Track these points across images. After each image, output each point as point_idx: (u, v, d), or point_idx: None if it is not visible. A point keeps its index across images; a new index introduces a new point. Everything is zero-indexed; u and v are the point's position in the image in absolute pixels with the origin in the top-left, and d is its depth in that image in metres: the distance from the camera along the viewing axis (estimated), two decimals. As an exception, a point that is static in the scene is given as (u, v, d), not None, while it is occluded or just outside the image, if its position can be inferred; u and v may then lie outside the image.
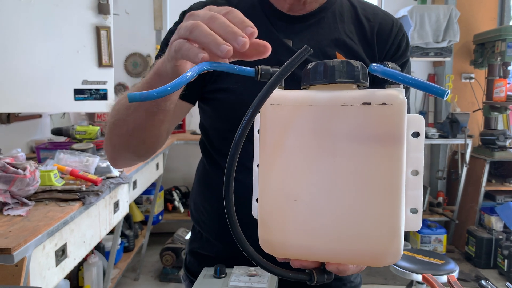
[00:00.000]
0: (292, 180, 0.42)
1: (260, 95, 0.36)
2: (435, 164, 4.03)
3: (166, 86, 0.37)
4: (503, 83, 3.45)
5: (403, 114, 0.39)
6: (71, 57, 1.77)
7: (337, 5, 0.89)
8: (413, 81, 0.38)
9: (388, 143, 0.39)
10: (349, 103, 0.40)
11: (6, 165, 1.34)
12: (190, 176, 3.91)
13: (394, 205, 0.39)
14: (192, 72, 0.39)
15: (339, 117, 0.40)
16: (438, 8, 3.57)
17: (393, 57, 0.88)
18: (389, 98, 0.39)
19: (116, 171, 1.81)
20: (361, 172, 0.40)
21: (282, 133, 0.42)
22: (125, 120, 0.69)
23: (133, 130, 0.70)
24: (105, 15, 1.77)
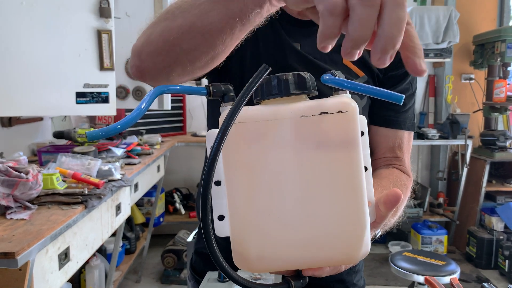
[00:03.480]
0: (263, 195, 0.43)
1: (226, 118, 0.36)
2: (435, 165, 4.03)
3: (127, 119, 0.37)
4: (503, 84, 3.46)
5: (356, 119, 0.41)
6: (72, 60, 1.77)
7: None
8: (368, 89, 0.40)
9: (347, 146, 0.41)
10: (308, 114, 0.42)
11: (9, 169, 1.35)
12: (191, 177, 3.91)
13: (360, 202, 0.42)
14: (146, 103, 0.39)
15: (300, 128, 0.42)
16: (437, 9, 3.58)
17: (398, 64, 0.87)
18: (344, 105, 0.41)
19: (118, 174, 1.82)
20: (326, 178, 0.42)
21: (246, 150, 0.43)
22: (187, 9, 0.55)
23: (191, 26, 0.54)
24: (106, 18, 1.78)
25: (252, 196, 0.43)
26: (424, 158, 4.12)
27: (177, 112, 3.72)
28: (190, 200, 3.78)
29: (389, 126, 0.87)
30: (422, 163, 4.11)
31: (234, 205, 0.43)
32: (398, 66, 0.87)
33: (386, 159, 0.87)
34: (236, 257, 0.44)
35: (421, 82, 4.03)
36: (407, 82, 0.88)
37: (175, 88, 0.43)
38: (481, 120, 3.89)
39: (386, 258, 2.35)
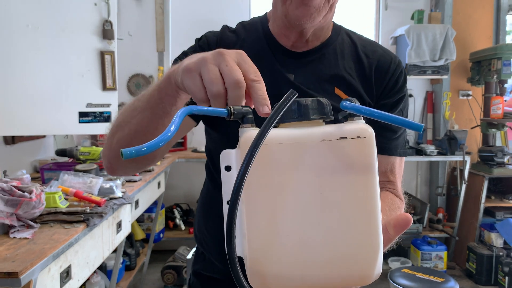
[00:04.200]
0: (282, 216, 0.44)
1: (254, 140, 0.39)
2: (434, 180, 4.05)
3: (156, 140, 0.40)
4: (499, 101, 3.50)
5: (373, 144, 0.44)
6: (76, 81, 1.82)
7: (338, 42, 0.93)
8: (385, 116, 0.43)
9: (364, 171, 0.44)
10: (327, 138, 0.44)
11: (13, 189, 1.38)
12: (191, 193, 3.93)
13: (375, 225, 0.44)
14: (175, 126, 0.42)
15: (320, 152, 0.44)
16: (434, 27, 3.64)
17: (390, 92, 0.91)
18: (362, 131, 0.44)
19: (119, 192, 1.85)
20: (344, 201, 0.44)
21: (268, 172, 0.44)
22: (130, 122, 0.72)
23: (135, 132, 0.72)
24: (109, 40, 1.83)
25: (271, 216, 0.44)
26: (423, 174, 4.14)
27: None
28: (190, 216, 3.79)
29: (381, 153, 0.90)
30: (421, 179, 4.13)
31: (253, 225, 0.44)
32: (390, 95, 0.91)
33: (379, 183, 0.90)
34: (252, 276, 0.45)
35: (419, 98, 4.08)
36: (399, 109, 0.92)
37: (202, 109, 0.47)
38: (479, 135, 3.92)
39: (385, 274, 2.36)
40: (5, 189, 1.37)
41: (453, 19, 3.91)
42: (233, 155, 0.46)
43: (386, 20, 3.98)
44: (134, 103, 0.73)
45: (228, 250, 0.39)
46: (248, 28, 0.96)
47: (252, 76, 0.51)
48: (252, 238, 0.45)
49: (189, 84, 0.53)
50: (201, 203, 1.06)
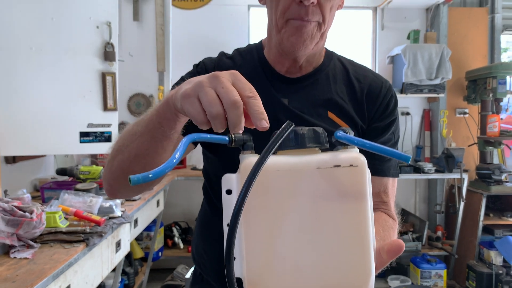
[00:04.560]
0: (279, 239, 0.47)
1: (253, 168, 0.41)
2: (433, 198, 4.06)
3: (162, 167, 0.43)
4: (496, 119, 3.54)
5: (366, 172, 0.47)
6: (77, 101, 1.85)
7: (331, 68, 0.97)
8: (371, 146, 0.46)
9: (357, 197, 0.46)
10: (322, 166, 0.47)
11: (14, 209, 1.39)
12: (190, 211, 3.93)
13: (367, 250, 0.46)
14: (179, 153, 0.45)
15: (315, 179, 0.46)
16: (430, 47, 3.71)
17: (382, 116, 0.94)
18: (355, 160, 0.47)
19: (118, 211, 1.86)
20: (337, 226, 0.46)
21: (266, 197, 0.47)
22: (129, 146, 0.73)
23: (135, 156, 0.73)
24: (111, 61, 1.87)
25: (269, 239, 0.47)
26: (421, 192, 4.15)
27: (177, 146, 3.77)
28: (189, 234, 3.79)
29: (375, 174, 0.92)
30: (419, 196, 4.14)
31: (251, 247, 0.47)
32: (381, 118, 0.94)
33: (373, 204, 0.92)
34: None
35: (417, 116, 4.12)
36: (390, 132, 0.95)
37: (205, 136, 0.50)
38: (477, 153, 3.94)
39: (384, 294, 2.35)
40: (6, 209, 1.39)
41: (448, 38, 3.98)
42: (233, 179, 0.49)
43: (382, 40, 4.05)
44: (133, 128, 0.75)
45: (227, 271, 0.41)
46: (244, 55, 1.00)
47: (247, 93, 0.53)
48: (250, 259, 0.47)
49: (189, 108, 0.54)
50: (199, 225, 1.08)
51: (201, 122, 0.54)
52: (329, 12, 0.85)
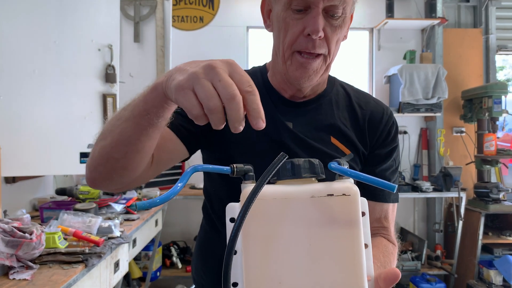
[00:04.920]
0: (275, 265, 0.49)
1: (248, 197, 0.44)
2: (431, 216, 4.06)
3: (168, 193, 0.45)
4: (492, 138, 3.57)
5: (358, 201, 0.49)
6: (78, 122, 1.88)
7: (334, 93, 0.99)
8: (365, 178, 0.48)
9: (349, 225, 0.48)
10: (316, 195, 0.49)
11: (14, 230, 1.40)
12: (188, 231, 3.92)
13: (359, 276, 0.48)
14: (182, 183, 0.47)
15: (310, 207, 0.49)
16: (426, 67, 3.77)
17: (384, 143, 0.97)
18: (347, 189, 0.49)
19: (117, 231, 1.86)
20: (331, 252, 0.48)
21: (263, 223, 0.49)
22: (113, 131, 0.70)
23: (117, 141, 0.69)
24: (111, 83, 1.91)
25: (265, 265, 0.49)
26: (420, 210, 4.15)
27: (176, 165, 3.79)
28: (187, 254, 3.77)
29: (375, 200, 0.94)
30: (418, 215, 4.14)
31: (250, 272, 0.49)
32: (383, 145, 0.96)
33: (373, 229, 0.94)
34: None
35: (414, 135, 4.15)
36: (392, 159, 0.97)
37: (207, 167, 0.52)
38: (474, 171, 3.96)
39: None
40: (6, 230, 1.40)
41: (444, 58, 4.05)
42: (237, 208, 0.51)
43: (379, 60, 4.11)
44: (119, 112, 0.71)
45: None
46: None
47: (245, 87, 0.51)
48: (249, 284, 0.49)
49: (184, 101, 0.52)
50: (198, 246, 1.08)
51: (197, 115, 0.51)
52: (335, 45, 0.87)
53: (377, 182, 0.48)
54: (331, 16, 0.83)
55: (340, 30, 0.85)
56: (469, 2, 4.24)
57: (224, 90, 0.49)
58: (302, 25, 0.83)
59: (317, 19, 0.81)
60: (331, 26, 0.84)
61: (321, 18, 0.81)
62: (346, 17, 0.85)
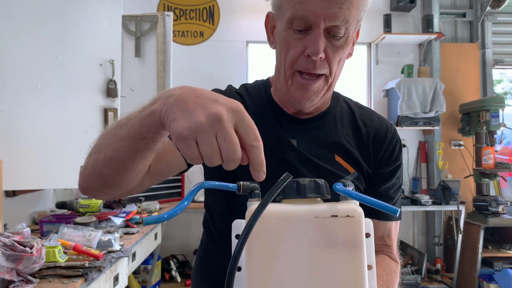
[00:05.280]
0: (279, 281, 0.49)
1: (252, 216, 0.45)
2: (431, 229, 4.06)
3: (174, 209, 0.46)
4: (490, 151, 3.59)
5: (362, 223, 0.49)
6: (79, 136, 1.90)
7: (338, 110, 0.98)
8: (369, 201, 0.49)
9: (352, 247, 0.49)
10: (320, 215, 0.50)
11: (14, 244, 1.41)
12: (187, 244, 3.91)
13: None
14: (188, 200, 0.48)
15: (313, 227, 0.49)
16: (424, 81, 3.81)
17: (388, 161, 0.96)
18: (351, 211, 0.49)
19: (117, 245, 1.87)
20: (333, 273, 0.49)
21: (267, 242, 0.50)
22: (107, 146, 0.68)
23: (110, 158, 0.67)
24: (113, 98, 1.93)
25: (268, 282, 0.49)
26: (419, 223, 4.15)
27: (176, 178, 3.80)
28: (186, 267, 3.75)
29: (379, 218, 0.94)
30: (417, 228, 4.14)
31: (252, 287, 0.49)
32: (387, 163, 0.96)
33: (376, 247, 0.94)
34: None
35: (413, 148, 4.17)
36: (396, 177, 0.96)
37: (214, 184, 0.53)
38: (473, 184, 3.97)
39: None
40: (7, 244, 1.40)
41: (441, 73, 4.09)
42: (242, 225, 0.52)
43: (377, 74, 4.15)
44: (115, 128, 0.68)
45: None
46: (251, 91, 1.01)
47: (251, 141, 0.50)
48: None
49: (185, 151, 0.50)
50: (198, 261, 1.07)
51: (196, 163, 0.51)
52: (337, 65, 0.86)
53: (381, 206, 0.48)
54: (333, 37, 0.81)
55: (342, 50, 0.84)
56: (465, 17, 4.30)
57: (227, 150, 0.49)
58: (303, 45, 0.82)
59: (318, 40, 0.79)
60: (333, 46, 0.82)
61: (322, 39, 0.80)
62: (349, 36, 0.83)
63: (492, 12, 4.17)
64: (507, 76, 6.50)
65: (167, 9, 4.02)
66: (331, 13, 0.78)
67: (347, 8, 0.79)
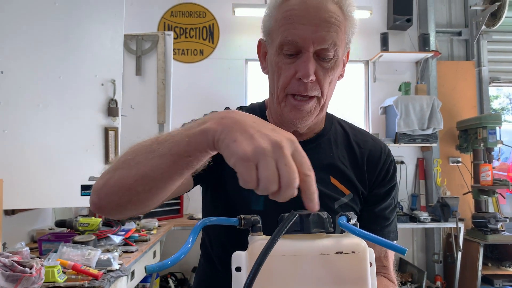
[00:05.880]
0: None
1: (259, 257, 0.44)
2: (430, 247, 4.04)
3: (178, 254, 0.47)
4: (488, 168, 3.61)
5: (367, 259, 0.50)
6: (80, 155, 1.91)
7: (332, 132, 1.00)
8: (374, 239, 0.49)
9: (358, 282, 0.49)
10: (325, 252, 0.50)
11: (14, 264, 1.41)
12: (186, 262, 3.89)
13: None
14: (192, 241, 0.49)
15: (318, 264, 0.49)
16: (421, 98, 3.84)
17: (382, 181, 0.97)
18: (356, 247, 0.50)
19: (116, 264, 1.86)
20: None
21: (272, 280, 0.50)
22: (141, 162, 0.65)
23: (144, 175, 0.64)
24: (114, 117, 1.95)
25: None
26: (418, 241, 4.14)
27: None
28: (184, 286, 3.72)
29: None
30: (417, 246, 4.13)
31: None
32: (382, 184, 0.97)
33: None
34: None
35: (411, 165, 4.18)
36: (391, 197, 0.98)
37: (215, 219, 0.53)
38: (472, 201, 3.97)
39: None
40: (6, 264, 1.41)
41: (438, 90, 4.14)
42: (243, 257, 0.51)
43: (375, 91, 4.20)
44: (151, 144, 0.65)
45: None
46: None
47: (305, 170, 0.51)
48: None
49: (244, 173, 0.49)
50: (197, 283, 1.07)
51: (250, 187, 0.50)
52: (328, 86, 0.88)
53: (386, 244, 0.49)
54: (322, 59, 0.84)
55: (332, 72, 0.86)
56: (461, 36, 4.37)
57: (287, 175, 0.49)
58: (294, 69, 0.84)
59: (308, 64, 0.82)
60: (323, 68, 0.85)
61: (312, 62, 0.83)
62: (338, 58, 0.86)
63: (487, 30, 4.24)
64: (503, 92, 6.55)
65: (168, 28, 4.07)
66: (319, 36, 0.81)
67: (334, 32, 0.82)
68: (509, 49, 4.46)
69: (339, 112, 3.37)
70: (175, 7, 4.11)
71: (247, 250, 0.52)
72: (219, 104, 4.04)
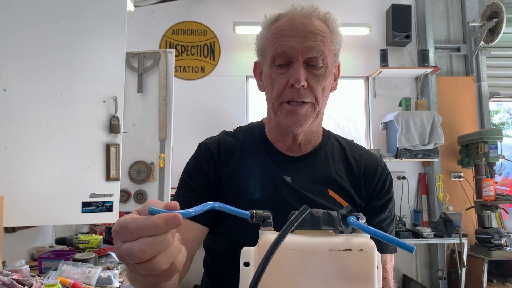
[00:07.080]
0: None
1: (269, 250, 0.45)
2: (434, 263, 4.00)
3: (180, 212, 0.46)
4: (490, 183, 3.59)
5: (375, 257, 0.50)
6: (81, 172, 1.91)
7: (329, 147, 1.04)
8: (384, 236, 0.50)
9: (364, 280, 0.50)
10: (335, 249, 0.50)
11: (13, 282, 1.39)
12: (187, 279, 3.84)
13: None
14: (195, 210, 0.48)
15: (327, 260, 0.50)
16: (421, 113, 3.85)
17: (379, 194, 0.99)
18: (365, 245, 0.51)
19: (116, 282, 1.85)
20: None
21: (280, 273, 0.50)
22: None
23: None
24: (115, 134, 1.95)
25: None
26: (422, 257, 4.09)
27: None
28: (186, 304, 3.67)
29: None
30: (420, 262, 4.08)
31: None
32: (379, 197, 0.98)
33: None
34: None
35: (413, 180, 4.17)
36: (388, 210, 0.99)
37: (227, 207, 0.52)
38: (475, 216, 3.94)
39: None
40: (6, 283, 1.39)
41: (438, 105, 4.15)
42: (252, 253, 0.52)
43: (375, 107, 4.21)
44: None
45: None
46: (246, 132, 1.06)
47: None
48: None
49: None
50: None
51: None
52: (322, 93, 0.92)
53: (395, 241, 0.49)
54: (312, 67, 0.90)
55: (323, 79, 0.92)
56: (460, 51, 4.40)
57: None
58: (286, 78, 0.90)
59: (298, 71, 0.88)
60: (314, 76, 0.91)
61: (302, 70, 0.89)
62: (328, 67, 0.92)
63: (486, 46, 4.28)
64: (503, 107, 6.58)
65: (169, 46, 4.12)
66: (307, 46, 0.88)
67: (321, 41, 0.90)
68: (508, 64, 4.49)
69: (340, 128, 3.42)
70: (176, 25, 4.17)
71: (256, 245, 0.52)
72: (220, 120, 4.06)
